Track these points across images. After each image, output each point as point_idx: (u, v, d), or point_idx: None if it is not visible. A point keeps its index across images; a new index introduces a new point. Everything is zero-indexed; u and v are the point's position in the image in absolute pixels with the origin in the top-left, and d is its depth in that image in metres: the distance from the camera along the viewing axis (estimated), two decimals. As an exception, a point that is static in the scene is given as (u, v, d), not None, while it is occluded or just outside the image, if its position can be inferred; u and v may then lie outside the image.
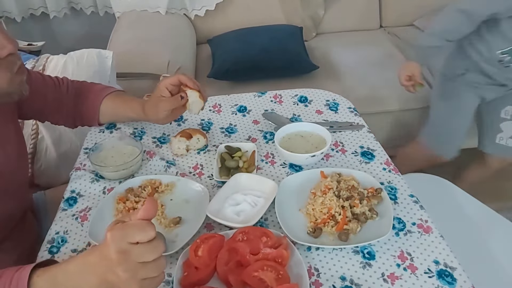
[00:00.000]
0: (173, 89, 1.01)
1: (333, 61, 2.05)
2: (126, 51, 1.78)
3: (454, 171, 1.90)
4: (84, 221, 0.90)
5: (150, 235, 0.58)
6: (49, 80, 1.08)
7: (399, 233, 0.83)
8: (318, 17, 2.29)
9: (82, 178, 1.00)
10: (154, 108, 1.02)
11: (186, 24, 2.20)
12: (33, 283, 0.64)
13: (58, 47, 2.32)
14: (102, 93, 1.10)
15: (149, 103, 1.04)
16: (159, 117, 1.02)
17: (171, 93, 1.01)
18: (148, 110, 1.04)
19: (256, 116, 1.19)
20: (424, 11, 2.32)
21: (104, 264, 0.59)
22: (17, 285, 0.64)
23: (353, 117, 1.17)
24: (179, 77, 1.00)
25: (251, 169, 0.99)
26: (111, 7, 2.23)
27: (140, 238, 0.58)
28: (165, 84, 1.00)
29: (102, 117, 1.11)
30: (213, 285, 0.73)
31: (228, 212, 0.85)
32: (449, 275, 0.75)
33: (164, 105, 1.00)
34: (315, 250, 0.81)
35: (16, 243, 0.96)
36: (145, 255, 0.58)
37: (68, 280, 0.64)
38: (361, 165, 1.00)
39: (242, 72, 1.88)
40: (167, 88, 1.00)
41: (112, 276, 0.59)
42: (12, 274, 0.66)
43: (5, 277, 0.66)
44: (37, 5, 2.31)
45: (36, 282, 0.65)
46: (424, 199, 0.91)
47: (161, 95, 1.01)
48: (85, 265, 0.63)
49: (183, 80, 1.00)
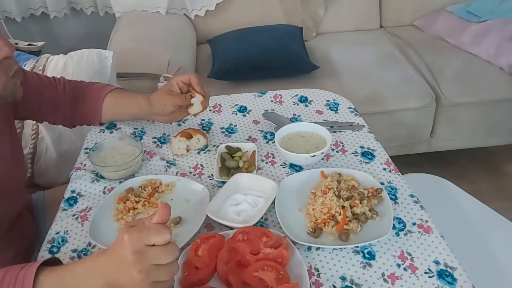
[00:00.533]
0: (183, 87, 1.03)
1: (333, 61, 2.05)
2: (126, 51, 1.78)
3: (455, 171, 1.90)
4: (84, 221, 0.90)
5: (166, 238, 0.60)
6: (45, 80, 1.07)
7: (399, 233, 0.83)
8: (319, 17, 2.29)
9: (82, 178, 1.00)
10: (162, 100, 1.03)
11: (186, 24, 2.20)
12: (39, 282, 0.64)
13: (58, 47, 2.32)
14: (103, 91, 1.10)
15: (157, 95, 1.05)
16: (165, 110, 1.03)
17: (181, 90, 1.03)
18: (155, 102, 1.04)
19: (256, 116, 1.19)
20: (424, 11, 2.32)
21: (116, 265, 0.60)
22: (23, 283, 0.64)
23: (354, 117, 1.17)
24: (190, 78, 1.02)
25: (251, 169, 0.99)
26: (111, 7, 2.23)
27: (156, 241, 0.59)
28: (177, 80, 1.02)
29: (104, 116, 1.11)
30: (213, 285, 0.73)
31: (228, 212, 0.85)
32: (450, 275, 0.75)
33: (172, 100, 1.01)
34: (315, 250, 0.81)
35: (11, 243, 0.96)
36: (160, 257, 0.60)
37: (75, 282, 0.64)
38: (361, 165, 1.00)
39: (242, 72, 1.88)
40: (178, 84, 1.02)
41: (123, 278, 0.60)
42: (17, 271, 0.65)
43: (10, 275, 0.65)
44: (37, 5, 2.31)
45: (43, 281, 0.65)
46: (424, 199, 0.91)
47: (171, 89, 1.02)
48: (93, 268, 0.64)
49: (193, 82, 1.02)
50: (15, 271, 0.66)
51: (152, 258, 0.59)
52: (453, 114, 1.88)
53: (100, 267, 0.63)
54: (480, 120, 1.91)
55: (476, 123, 1.93)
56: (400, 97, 1.84)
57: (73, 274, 0.65)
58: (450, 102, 1.84)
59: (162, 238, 0.60)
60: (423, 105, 1.82)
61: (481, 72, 1.93)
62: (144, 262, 0.59)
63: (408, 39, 2.22)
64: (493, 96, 1.86)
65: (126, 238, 0.59)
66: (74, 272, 0.65)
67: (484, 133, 1.98)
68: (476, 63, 1.98)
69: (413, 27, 2.34)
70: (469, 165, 2.17)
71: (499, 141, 2.05)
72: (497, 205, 1.28)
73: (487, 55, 1.96)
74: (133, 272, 0.59)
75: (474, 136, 2.00)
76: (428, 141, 1.98)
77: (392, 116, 1.85)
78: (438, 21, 2.21)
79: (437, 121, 1.90)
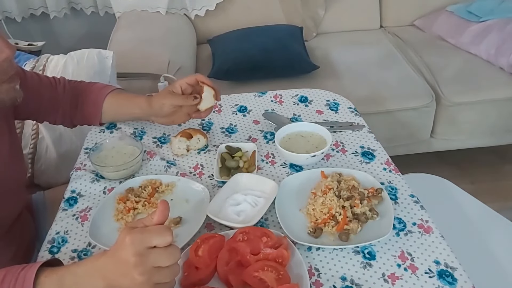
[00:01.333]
0: (187, 89, 1.02)
1: (333, 61, 2.05)
2: (126, 51, 1.77)
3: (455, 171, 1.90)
4: (85, 221, 0.90)
5: (168, 240, 0.60)
6: (45, 80, 1.07)
7: (400, 233, 0.83)
8: (319, 17, 2.29)
9: (82, 178, 1.00)
10: (161, 100, 1.02)
11: (186, 24, 2.20)
12: (40, 283, 0.64)
13: (59, 47, 2.32)
14: (104, 91, 1.09)
15: (158, 95, 1.05)
16: (163, 111, 1.03)
17: (183, 92, 1.02)
18: (155, 103, 1.04)
19: (257, 116, 1.19)
20: (424, 11, 2.32)
21: (117, 267, 0.61)
22: (23, 283, 0.64)
23: (354, 117, 1.17)
24: (197, 76, 1.01)
25: (252, 169, 0.99)
26: (111, 7, 2.23)
27: (158, 243, 0.60)
28: (181, 82, 1.02)
29: (104, 116, 1.11)
30: (213, 285, 0.73)
31: (229, 212, 0.85)
32: (450, 275, 0.75)
33: (171, 99, 1.01)
34: (315, 250, 0.81)
35: (11, 243, 0.96)
36: (161, 260, 0.60)
37: (76, 283, 0.64)
38: (361, 165, 1.00)
39: (242, 72, 1.88)
40: (181, 86, 1.01)
41: (124, 279, 0.60)
42: (17, 272, 0.65)
43: (10, 275, 0.65)
44: (37, 5, 2.31)
45: (44, 282, 0.65)
46: (424, 199, 0.91)
47: (172, 90, 1.01)
48: (94, 269, 0.64)
49: (201, 78, 1.01)
50: (15, 271, 0.66)
51: (153, 260, 0.60)
52: (453, 114, 1.88)
53: (100, 269, 0.63)
54: (480, 120, 1.91)
55: (476, 123, 1.92)
56: (400, 97, 1.84)
57: (73, 276, 0.65)
58: (450, 102, 1.84)
59: (163, 240, 0.60)
60: (423, 105, 1.82)
61: (481, 72, 1.93)
62: (145, 264, 0.59)
63: (408, 39, 2.22)
64: (493, 96, 1.86)
65: (128, 240, 0.59)
66: (75, 273, 0.65)
67: (484, 133, 1.98)
68: (476, 63, 1.98)
69: (413, 27, 2.34)
70: (470, 165, 2.17)
71: (499, 141, 2.05)
72: (497, 205, 1.28)
73: (487, 55, 1.96)
74: (135, 274, 0.59)
75: (474, 136, 1.99)
76: (428, 141, 1.98)
77: (392, 116, 1.85)
78: (438, 21, 2.21)
79: (437, 121, 1.90)
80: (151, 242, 0.60)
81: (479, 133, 1.97)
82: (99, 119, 1.11)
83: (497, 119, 1.92)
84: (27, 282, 0.64)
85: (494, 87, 1.87)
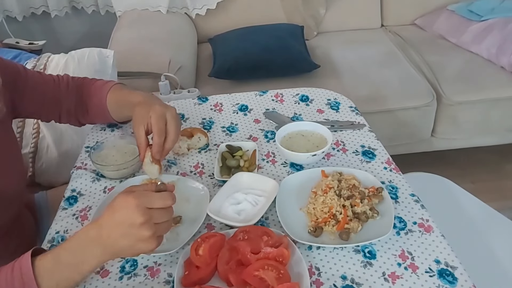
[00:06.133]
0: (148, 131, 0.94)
1: (334, 60, 2.05)
2: (127, 50, 1.78)
3: (456, 171, 1.90)
4: (85, 221, 0.90)
5: (168, 204, 0.70)
6: (47, 78, 1.05)
7: (400, 232, 0.83)
8: (320, 16, 2.29)
9: (83, 177, 1.00)
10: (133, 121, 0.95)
11: (187, 23, 2.20)
12: (36, 266, 0.66)
13: (59, 46, 2.33)
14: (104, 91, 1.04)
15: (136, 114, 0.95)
16: None
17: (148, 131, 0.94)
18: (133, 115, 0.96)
19: (257, 115, 1.19)
20: (425, 10, 2.32)
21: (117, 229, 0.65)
22: (21, 269, 0.65)
23: (354, 116, 1.16)
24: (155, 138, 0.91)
25: (252, 168, 0.99)
26: (112, 6, 2.23)
27: (159, 205, 0.68)
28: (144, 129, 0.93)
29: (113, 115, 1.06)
30: (214, 284, 0.74)
31: (229, 211, 0.85)
32: (450, 274, 0.75)
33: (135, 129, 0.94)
34: (316, 249, 0.81)
35: (11, 243, 0.96)
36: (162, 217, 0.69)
37: (73, 257, 0.67)
38: (362, 164, 1.00)
39: (243, 71, 1.87)
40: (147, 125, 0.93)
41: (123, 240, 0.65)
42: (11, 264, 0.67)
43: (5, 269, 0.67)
44: (38, 4, 2.31)
45: (40, 265, 0.66)
46: (425, 198, 0.91)
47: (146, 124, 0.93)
48: (88, 239, 0.67)
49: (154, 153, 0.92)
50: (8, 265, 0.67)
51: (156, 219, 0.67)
52: (454, 113, 1.88)
53: (95, 237, 0.66)
54: (481, 119, 1.91)
55: (477, 122, 1.92)
56: (401, 96, 1.84)
57: (68, 250, 0.67)
58: (451, 101, 1.84)
59: (164, 203, 0.69)
60: (424, 104, 1.82)
61: (482, 71, 1.93)
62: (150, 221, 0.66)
63: (409, 38, 2.22)
64: (494, 95, 1.85)
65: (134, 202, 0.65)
66: (69, 248, 0.68)
67: (485, 132, 1.98)
68: (477, 62, 1.98)
69: (414, 26, 2.34)
70: (470, 164, 2.16)
71: (500, 140, 2.04)
72: (498, 204, 1.28)
73: (488, 54, 1.95)
74: (143, 231, 0.65)
75: (475, 135, 1.99)
76: (429, 140, 1.98)
77: (393, 115, 1.85)
78: (439, 20, 2.20)
79: (438, 120, 1.90)
80: (154, 204, 0.67)
81: (480, 132, 1.97)
82: (110, 118, 1.07)
83: (498, 118, 1.92)
84: (24, 267, 0.65)
85: (495, 86, 1.86)
